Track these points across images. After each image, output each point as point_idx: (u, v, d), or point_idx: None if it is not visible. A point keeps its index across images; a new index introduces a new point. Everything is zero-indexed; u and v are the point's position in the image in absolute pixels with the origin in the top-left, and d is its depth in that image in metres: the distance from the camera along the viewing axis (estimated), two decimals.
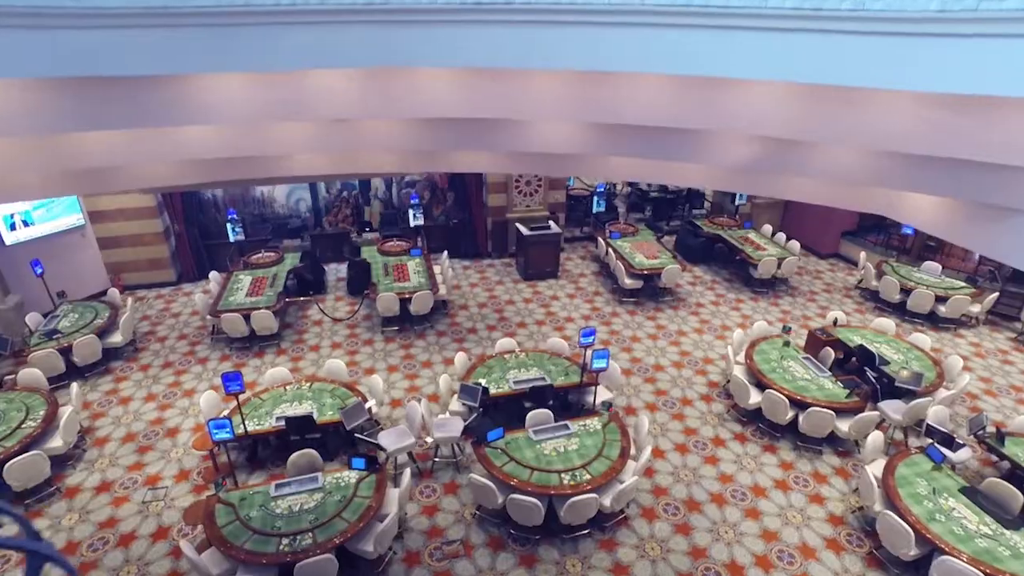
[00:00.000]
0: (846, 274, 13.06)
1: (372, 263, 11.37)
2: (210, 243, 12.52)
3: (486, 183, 12.89)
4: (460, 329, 10.61)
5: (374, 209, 13.36)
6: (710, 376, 9.30)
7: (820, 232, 13.75)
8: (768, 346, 8.83)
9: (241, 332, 9.75)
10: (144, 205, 11.51)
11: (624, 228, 13.09)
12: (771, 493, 7.00)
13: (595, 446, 6.68)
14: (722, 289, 12.26)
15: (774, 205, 14.68)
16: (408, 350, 9.94)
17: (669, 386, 9.04)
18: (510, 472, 6.31)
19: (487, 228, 13.35)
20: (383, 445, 6.94)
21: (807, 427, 7.38)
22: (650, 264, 11.47)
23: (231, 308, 9.82)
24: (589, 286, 12.33)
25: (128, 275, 12.04)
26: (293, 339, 10.33)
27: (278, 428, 7.11)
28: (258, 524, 5.69)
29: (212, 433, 5.92)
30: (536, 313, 11.20)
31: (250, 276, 10.97)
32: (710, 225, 13.46)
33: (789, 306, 11.61)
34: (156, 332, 10.59)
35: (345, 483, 6.20)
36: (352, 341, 10.23)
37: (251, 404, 7.56)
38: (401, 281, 10.65)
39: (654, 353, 9.90)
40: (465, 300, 11.67)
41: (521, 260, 12.59)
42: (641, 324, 10.81)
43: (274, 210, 12.90)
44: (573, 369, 8.13)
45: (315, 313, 11.11)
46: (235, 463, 7.47)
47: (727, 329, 10.66)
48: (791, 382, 7.92)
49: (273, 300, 10.06)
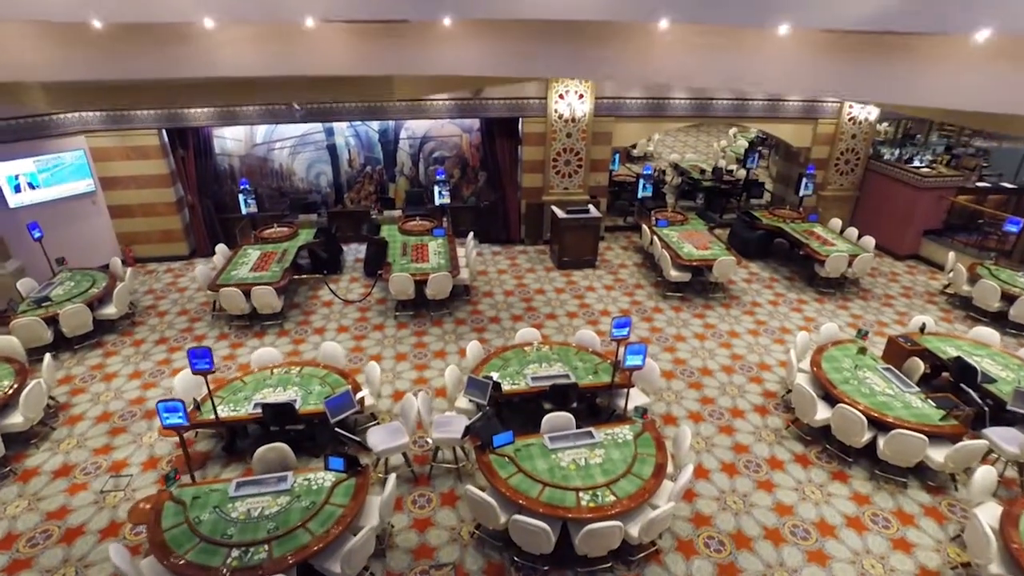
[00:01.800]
0: (928, 277, 11.38)
1: (391, 242, 10.40)
2: (225, 217, 11.82)
3: (521, 161, 11.77)
4: (482, 318, 9.51)
5: (399, 187, 12.42)
6: (766, 384, 7.93)
7: (898, 230, 12.07)
8: (839, 352, 7.41)
9: (241, 309, 8.91)
10: (157, 173, 10.86)
11: (672, 216, 11.76)
12: (842, 533, 5.63)
13: (624, 460, 5.47)
14: (781, 288, 10.79)
15: (844, 198, 13.06)
16: (421, 338, 8.90)
17: (717, 393, 7.71)
18: (517, 486, 5.17)
19: (520, 212, 12.22)
20: (370, 444, 5.89)
21: (889, 453, 5.97)
22: (700, 255, 10.12)
23: (232, 283, 8.99)
24: (630, 278, 11.05)
25: (140, 247, 11.43)
26: (298, 320, 9.44)
27: (254, 416, 6.16)
28: (207, 530, 4.72)
29: (162, 417, 4.98)
30: (568, 304, 10.01)
31: (259, 251, 10.16)
32: (770, 217, 11.97)
33: (860, 310, 10.07)
34: (158, 307, 9.89)
35: (318, 486, 5.17)
36: (361, 325, 9.27)
37: (230, 387, 6.64)
38: (419, 262, 9.63)
39: (701, 355, 8.58)
40: (490, 287, 10.58)
41: (555, 247, 11.42)
42: (687, 322, 9.48)
43: (293, 184, 12.10)
44: (604, 367, 6.92)
45: (326, 294, 10.21)
46: (211, 453, 6.58)
47: (787, 332, 9.23)
48: (869, 396, 6.51)
49: (278, 276, 9.18)
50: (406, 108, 10.90)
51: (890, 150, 13.16)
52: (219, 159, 11.69)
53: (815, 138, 12.49)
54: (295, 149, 11.80)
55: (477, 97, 10.91)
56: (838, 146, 12.51)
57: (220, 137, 11.53)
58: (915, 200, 11.69)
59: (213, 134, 11.41)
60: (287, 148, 11.78)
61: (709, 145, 19.97)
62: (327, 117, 10.83)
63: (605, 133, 11.73)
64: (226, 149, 11.66)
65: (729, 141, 19.72)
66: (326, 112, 10.74)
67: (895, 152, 12.90)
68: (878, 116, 12.23)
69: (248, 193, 10.68)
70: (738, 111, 11.97)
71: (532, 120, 11.37)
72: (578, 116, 11.31)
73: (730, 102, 11.84)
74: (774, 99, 11.92)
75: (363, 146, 11.97)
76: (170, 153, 10.97)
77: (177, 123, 10.49)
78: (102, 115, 10.18)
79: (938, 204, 11.71)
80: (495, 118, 11.29)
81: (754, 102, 11.90)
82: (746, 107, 11.94)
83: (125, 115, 10.24)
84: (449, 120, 11.93)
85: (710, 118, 12.21)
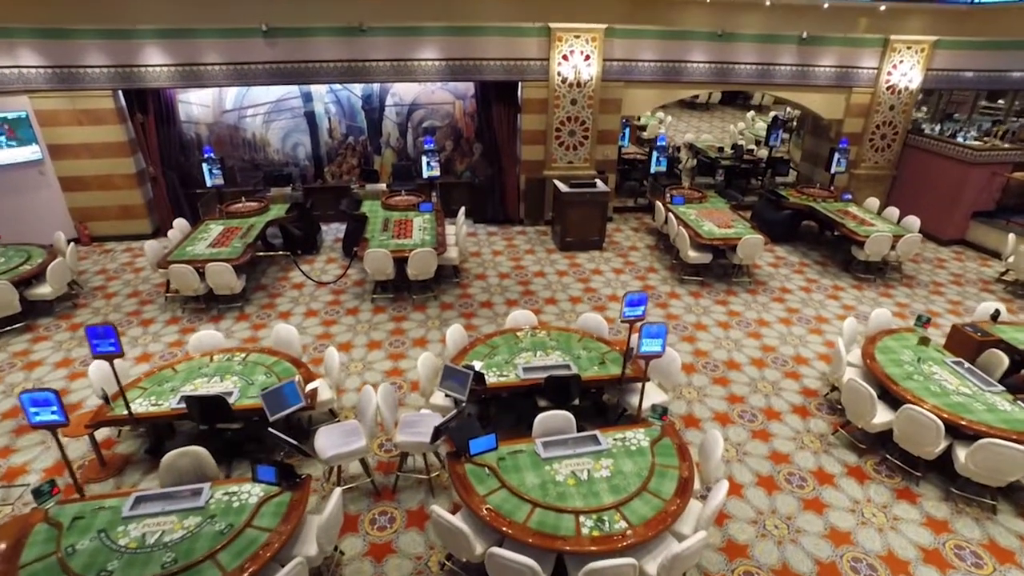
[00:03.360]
0: (980, 264, 10.08)
1: (372, 218, 9.20)
2: (193, 192, 10.64)
3: (520, 131, 10.54)
4: (471, 302, 8.30)
5: (385, 160, 11.22)
6: (805, 381, 6.68)
7: (943, 212, 10.76)
8: (896, 343, 6.16)
9: (195, 289, 7.74)
10: (113, 140, 9.69)
11: (689, 194, 10.50)
12: (919, 571, 4.39)
13: (638, 474, 4.25)
14: (813, 273, 9.52)
15: (878, 178, 11.76)
16: (400, 323, 7.71)
17: (747, 391, 6.47)
18: (499, 507, 3.95)
19: (519, 188, 11.00)
20: (317, 448, 4.69)
21: (975, 468, 4.72)
22: (723, 233, 8.87)
23: (184, 259, 7.82)
24: (641, 261, 9.81)
25: (96, 224, 10.28)
26: (262, 303, 8.26)
27: (177, 411, 4.97)
28: (80, 565, 3.53)
29: (28, 414, 3.79)
30: (572, 288, 8.78)
31: (223, 226, 8.98)
32: (798, 196, 10.69)
33: (906, 298, 8.79)
34: (108, 288, 8.73)
35: (240, 503, 3.98)
36: (333, 309, 8.08)
37: (157, 377, 5.46)
38: (401, 238, 8.43)
39: (725, 346, 7.34)
40: (484, 269, 9.36)
41: (558, 226, 10.19)
42: (708, 309, 8.24)
43: (267, 156, 10.92)
44: (613, 357, 5.69)
45: (298, 275, 9.02)
46: (133, 457, 5.40)
47: (824, 322, 7.97)
48: (940, 396, 5.27)
49: (238, 253, 8.00)
50: (391, 69, 9.70)
51: (930, 126, 11.85)
52: (185, 127, 10.52)
53: (848, 109, 11.20)
54: (269, 117, 10.63)
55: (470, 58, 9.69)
56: (873, 118, 11.21)
57: (185, 102, 10.37)
58: (964, 178, 10.39)
59: (177, 98, 10.24)
60: (260, 115, 10.60)
61: (723, 130, 18.66)
62: (303, 78, 9.63)
63: (614, 100, 10.49)
64: (192, 116, 10.49)
65: (747, 124, 18.41)
66: (301, 73, 9.55)
67: (935, 128, 11.60)
68: (920, 84, 10.92)
69: (212, 163, 9.51)
70: (763, 77, 10.70)
71: (533, 84, 10.15)
72: (584, 80, 10.07)
73: (754, 67, 10.58)
74: (803, 64, 10.64)
75: (345, 114, 10.78)
76: (128, 118, 9.80)
77: (134, 83, 9.31)
78: (46, 72, 9.02)
79: (991, 182, 10.40)
80: (491, 82, 10.08)
81: (781, 67, 10.63)
82: (772, 73, 10.67)
83: (74, 73, 9.08)
84: (440, 85, 10.73)
85: (732, 84, 10.95)
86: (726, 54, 10.40)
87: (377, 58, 9.59)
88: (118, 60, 9.09)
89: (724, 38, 10.19)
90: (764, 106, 21.89)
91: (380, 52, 9.57)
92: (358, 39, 9.38)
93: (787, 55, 10.54)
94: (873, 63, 10.75)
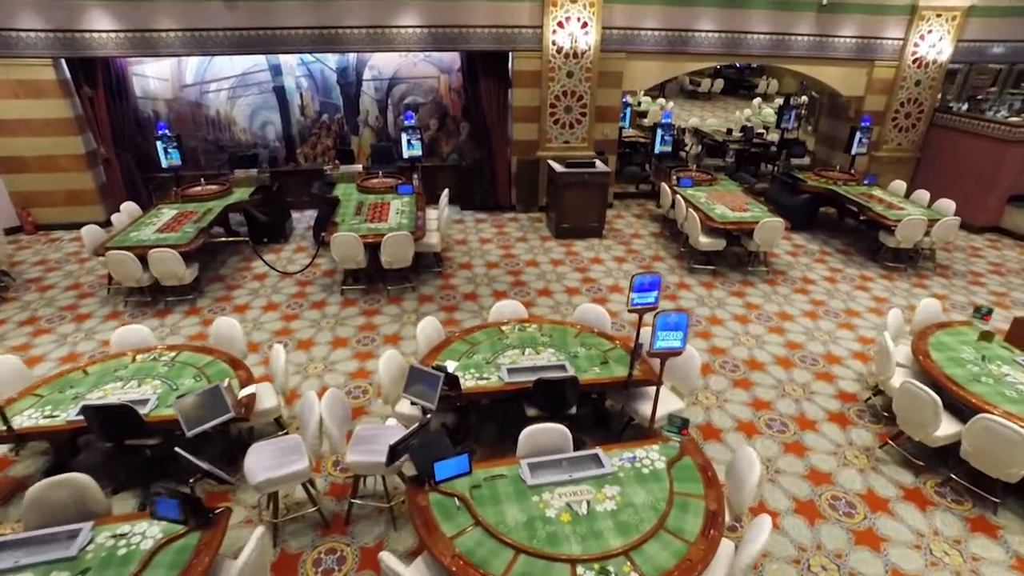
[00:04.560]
0: (1020, 252, 9.14)
1: (345, 201, 8.23)
2: (152, 176, 9.65)
3: (511, 108, 9.57)
4: (454, 294, 7.33)
5: (364, 140, 10.23)
6: (840, 383, 5.72)
7: (975, 197, 9.80)
8: (951, 338, 5.21)
9: (137, 280, 6.75)
10: (57, 116, 8.69)
11: (698, 176, 9.53)
12: None
13: (653, 506, 3.28)
14: (836, 262, 8.57)
15: (901, 161, 10.81)
16: (371, 318, 6.73)
17: (773, 395, 5.51)
18: (470, 553, 2.98)
19: (511, 171, 10.03)
20: (246, 471, 3.70)
21: None
22: (737, 217, 7.91)
23: (126, 245, 6.84)
24: (646, 249, 8.84)
25: (41, 211, 9.28)
26: (217, 295, 7.27)
27: (75, 425, 3.98)
28: None
29: None
30: (568, 279, 7.81)
31: (176, 210, 7.99)
32: (816, 179, 9.73)
33: (943, 289, 7.84)
34: (45, 279, 7.73)
35: (129, 550, 2.99)
36: (297, 302, 7.10)
37: (61, 382, 4.46)
38: (375, 222, 7.46)
39: (745, 342, 6.37)
40: (470, 258, 8.38)
41: (553, 212, 9.22)
42: (722, 301, 7.28)
43: (234, 135, 9.91)
44: (617, 356, 4.72)
45: (262, 265, 8.03)
46: (28, 480, 4.40)
47: (854, 315, 7.01)
48: (1019, 403, 4.31)
49: (188, 238, 7.02)
50: (367, 38, 8.71)
51: (957, 104, 10.92)
52: (141, 104, 9.52)
53: (869, 85, 10.25)
54: (234, 92, 9.63)
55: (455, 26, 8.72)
56: (897, 95, 10.27)
57: (140, 75, 9.36)
58: (1000, 158, 9.44)
59: (131, 70, 9.24)
60: (224, 91, 9.60)
61: (727, 119, 17.70)
62: (270, 46, 8.64)
63: (614, 73, 9.52)
64: (149, 91, 9.49)
65: (753, 110, 17.47)
66: (267, 41, 8.56)
67: (962, 107, 10.66)
68: (950, 56, 9.97)
69: (168, 141, 8.52)
70: (777, 49, 9.74)
71: (525, 55, 9.18)
72: (581, 50, 9.10)
73: (767, 37, 9.61)
74: (822, 34, 9.68)
75: (318, 89, 9.78)
76: (74, 92, 8.80)
77: (77, 51, 8.31)
78: None
79: None
80: (479, 53, 9.10)
81: (797, 38, 9.67)
82: (787, 44, 9.71)
83: (6, 37, 8.07)
84: (423, 56, 9.74)
85: (743, 56, 9.98)
86: (737, 22, 9.44)
87: (352, 25, 8.61)
88: (59, 24, 8.09)
89: (735, 4, 9.23)
90: (768, 95, 21.00)
91: (355, 18, 8.59)
92: (330, 3, 8.41)
93: (804, 24, 9.58)
94: (898, 33, 9.79)
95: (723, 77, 23.12)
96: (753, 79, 23.42)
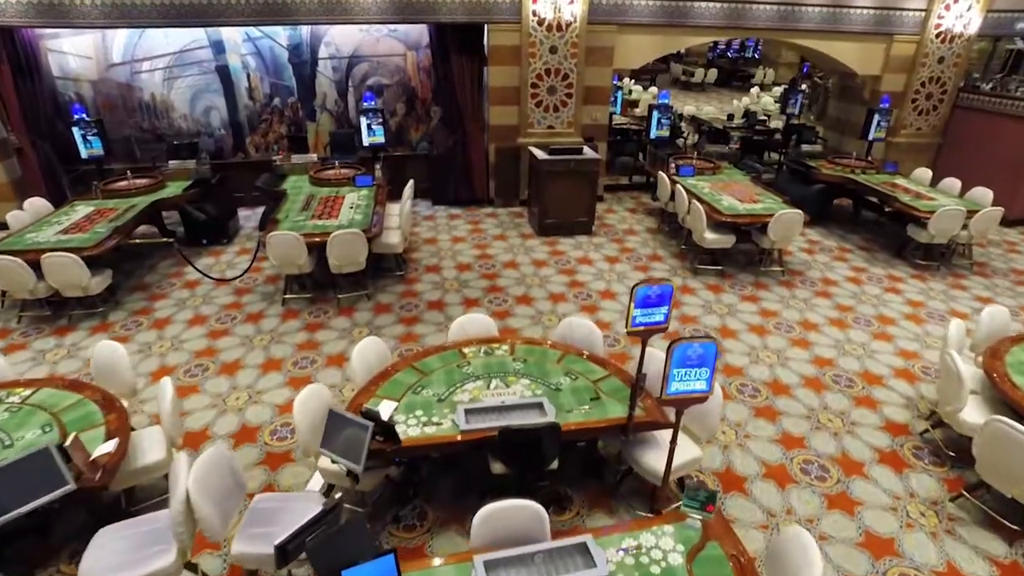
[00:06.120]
0: None
1: (292, 195, 7.08)
2: (76, 169, 8.43)
3: (487, 88, 8.44)
4: (417, 302, 6.19)
5: (322, 126, 9.04)
6: (885, 409, 4.64)
7: (1007, 186, 8.72)
8: None
9: (28, 291, 5.56)
10: None
11: (700, 164, 8.44)
12: None
13: None
14: (858, 260, 7.51)
15: (921, 147, 9.79)
16: (314, 333, 5.58)
17: (806, 427, 4.42)
18: None
19: (488, 161, 8.90)
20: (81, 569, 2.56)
21: None
22: (748, 209, 6.84)
23: (17, 249, 5.66)
24: (642, 247, 7.74)
25: None
26: (135, 307, 6.09)
27: None
28: None
29: None
30: (552, 282, 6.69)
31: (93, 208, 6.81)
32: (831, 167, 8.67)
33: (985, 290, 6.80)
34: None
35: None
36: (229, 315, 5.93)
37: None
38: (323, 218, 6.31)
39: (765, 359, 5.28)
40: (439, 259, 7.25)
41: (535, 206, 8.09)
42: (733, 308, 6.19)
43: (172, 122, 8.70)
44: (612, 387, 3.60)
45: (193, 271, 6.85)
46: None
47: (889, 323, 5.95)
48: None
49: (96, 240, 5.84)
50: (321, 8, 7.54)
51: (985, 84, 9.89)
52: (61, 85, 8.30)
53: (887, 63, 9.20)
54: (171, 72, 8.42)
55: None
56: (918, 74, 9.23)
57: (57, 51, 8.13)
58: None
59: (44, 45, 8.02)
60: (159, 71, 8.40)
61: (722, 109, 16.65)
62: (207, 18, 7.44)
63: (604, 48, 8.40)
64: (69, 70, 8.26)
65: (752, 99, 16.44)
66: (204, 11, 7.37)
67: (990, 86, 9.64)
68: (979, 29, 8.94)
69: (88, 126, 7.34)
70: (785, 21, 8.66)
71: (502, 28, 8.05)
72: (566, 22, 7.99)
73: (774, 8, 8.54)
74: (835, 4, 8.62)
75: (268, 70, 8.60)
76: None
77: None
78: None
79: None
80: (450, 25, 7.96)
81: (807, 8, 8.60)
82: (797, 15, 8.63)
83: None
84: (387, 30, 8.58)
85: (746, 31, 8.92)
86: None
87: None
88: None
89: None
90: (764, 85, 20.03)
91: None
92: None
93: None
94: (921, 3, 8.74)
95: (717, 67, 22.17)
96: (748, 68, 22.50)
